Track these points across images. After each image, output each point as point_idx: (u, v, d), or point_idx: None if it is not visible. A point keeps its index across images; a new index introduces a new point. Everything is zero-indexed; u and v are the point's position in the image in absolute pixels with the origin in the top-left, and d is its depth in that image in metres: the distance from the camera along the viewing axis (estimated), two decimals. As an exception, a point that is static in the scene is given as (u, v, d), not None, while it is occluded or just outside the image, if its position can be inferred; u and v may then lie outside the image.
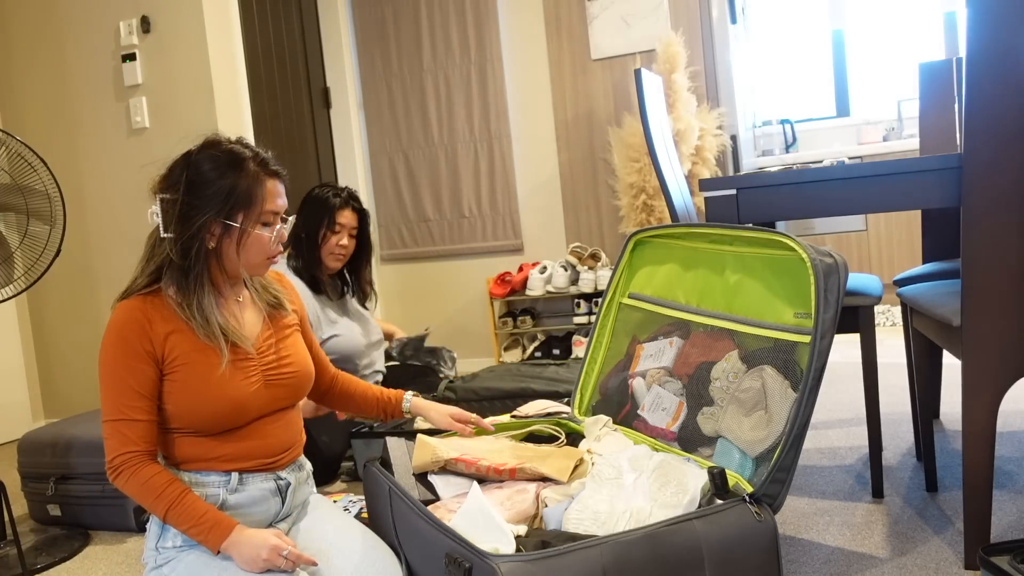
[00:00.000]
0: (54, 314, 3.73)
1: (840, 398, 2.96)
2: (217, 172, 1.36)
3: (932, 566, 1.66)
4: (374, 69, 4.47)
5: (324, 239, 2.47)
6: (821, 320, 1.33)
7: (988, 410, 1.59)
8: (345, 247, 2.51)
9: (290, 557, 1.29)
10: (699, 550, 1.23)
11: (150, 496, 1.31)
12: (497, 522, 1.29)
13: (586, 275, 3.92)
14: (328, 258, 2.49)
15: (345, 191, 2.53)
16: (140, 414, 1.33)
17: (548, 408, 2.06)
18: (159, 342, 1.35)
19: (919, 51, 4.48)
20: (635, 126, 3.80)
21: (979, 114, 1.53)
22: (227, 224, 1.37)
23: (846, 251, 4.16)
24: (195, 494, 1.34)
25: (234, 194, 1.36)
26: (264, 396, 1.43)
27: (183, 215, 1.35)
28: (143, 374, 1.34)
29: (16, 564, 2.08)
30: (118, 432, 1.32)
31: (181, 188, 1.36)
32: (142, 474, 1.31)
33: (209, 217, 1.35)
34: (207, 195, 1.35)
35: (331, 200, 2.47)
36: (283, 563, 1.28)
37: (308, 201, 2.51)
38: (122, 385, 1.33)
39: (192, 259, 1.36)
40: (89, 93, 3.53)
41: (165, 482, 1.32)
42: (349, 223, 2.50)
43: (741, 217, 1.88)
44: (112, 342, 1.34)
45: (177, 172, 1.38)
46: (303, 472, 1.53)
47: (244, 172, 1.37)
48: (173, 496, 1.31)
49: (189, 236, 1.35)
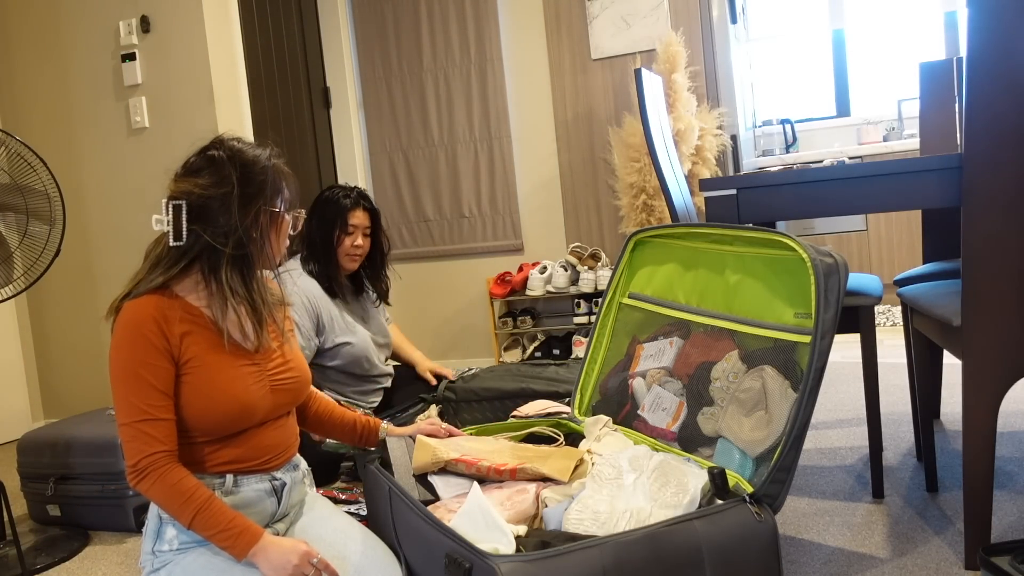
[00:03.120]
0: (54, 314, 3.73)
1: (840, 398, 2.96)
2: (257, 163, 1.40)
3: (932, 566, 1.66)
4: (374, 69, 4.47)
5: (339, 241, 2.50)
6: (821, 320, 1.33)
7: (988, 410, 1.59)
8: (360, 247, 2.53)
9: (319, 565, 1.29)
10: (699, 550, 1.23)
11: (177, 501, 1.28)
12: (497, 522, 1.29)
13: (586, 275, 3.92)
14: (344, 259, 2.52)
15: (355, 191, 2.55)
16: (163, 412, 1.30)
17: (548, 408, 2.06)
18: (175, 341, 1.33)
19: (919, 51, 4.48)
20: (635, 126, 3.80)
21: (979, 114, 1.53)
22: (272, 212, 1.41)
23: (846, 251, 4.16)
24: (220, 499, 1.32)
25: (275, 183, 1.41)
26: (270, 401, 1.42)
27: (242, 204, 1.36)
28: (163, 371, 1.31)
29: (16, 564, 2.08)
30: (141, 433, 1.28)
31: (235, 179, 1.36)
32: (169, 478, 1.28)
33: (261, 204, 1.38)
34: (259, 183, 1.39)
35: (342, 202, 2.50)
36: (312, 571, 1.28)
37: (319, 204, 2.53)
38: (142, 383, 1.29)
39: (251, 247, 1.37)
40: (89, 93, 3.53)
41: (192, 487, 1.29)
42: (362, 223, 2.53)
43: (741, 217, 1.87)
44: (128, 340, 1.30)
45: (222, 165, 1.37)
46: (298, 472, 1.52)
47: (271, 163, 1.42)
48: (201, 502, 1.28)
49: (247, 225, 1.36)
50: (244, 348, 1.40)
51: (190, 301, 1.38)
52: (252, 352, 1.42)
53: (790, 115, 4.65)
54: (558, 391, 2.41)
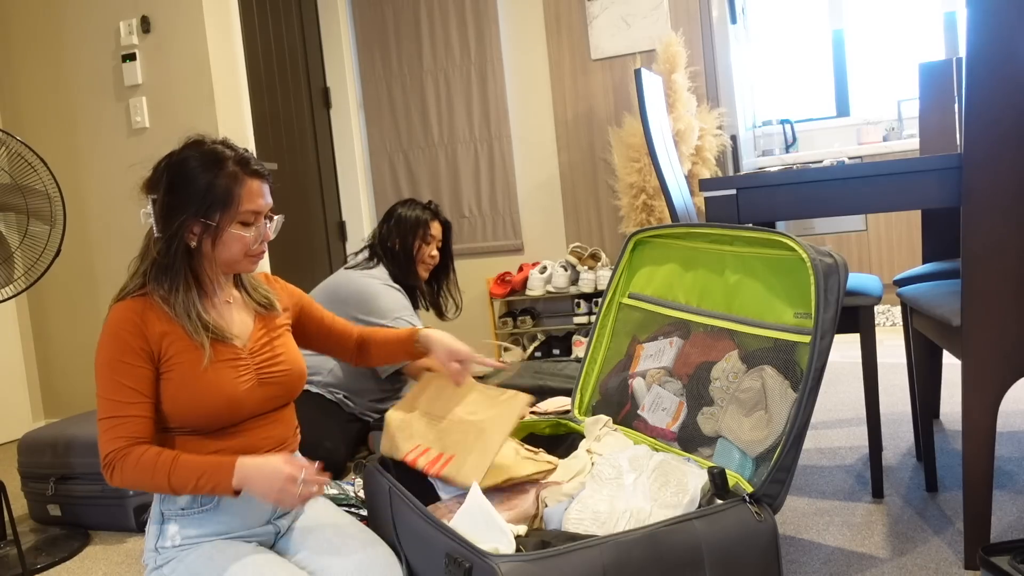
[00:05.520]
0: (54, 314, 3.73)
1: (840, 398, 2.96)
2: (196, 172, 1.38)
3: (932, 566, 1.66)
4: (374, 69, 4.47)
5: (418, 250, 2.58)
6: (821, 320, 1.33)
7: (988, 410, 1.59)
8: (435, 258, 2.63)
9: (306, 478, 1.28)
10: (699, 550, 1.23)
11: (147, 474, 1.30)
12: (497, 522, 1.29)
13: (586, 275, 3.92)
14: (420, 267, 2.61)
15: (432, 204, 2.65)
16: (134, 410, 1.33)
17: (565, 406, 2.07)
18: (155, 341, 1.36)
19: (919, 51, 4.48)
20: (635, 126, 3.80)
21: (979, 114, 1.53)
22: (206, 223, 1.38)
23: (846, 251, 4.16)
24: (187, 454, 1.32)
25: (212, 193, 1.37)
26: (258, 394, 1.44)
27: (166, 214, 1.38)
28: (139, 371, 1.35)
29: (16, 564, 2.08)
30: (110, 429, 1.33)
31: (162, 188, 1.39)
32: (130, 459, 1.30)
33: (188, 216, 1.37)
34: (187, 194, 1.38)
35: (423, 214, 2.59)
36: (300, 486, 1.27)
37: (398, 216, 2.60)
38: (117, 383, 1.33)
39: (173, 256, 1.38)
40: (89, 93, 3.53)
41: (154, 455, 1.30)
42: (438, 235, 2.63)
43: (741, 217, 1.88)
44: (107, 342, 1.35)
45: (159, 172, 1.42)
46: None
47: (223, 171, 1.38)
48: (168, 463, 1.29)
49: (170, 235, 1.38)
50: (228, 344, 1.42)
51: None
52: (239, 347, 1.43)
53: (790, 115, 4.65)
54: (574, 388, 2.42)
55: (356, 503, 1.80)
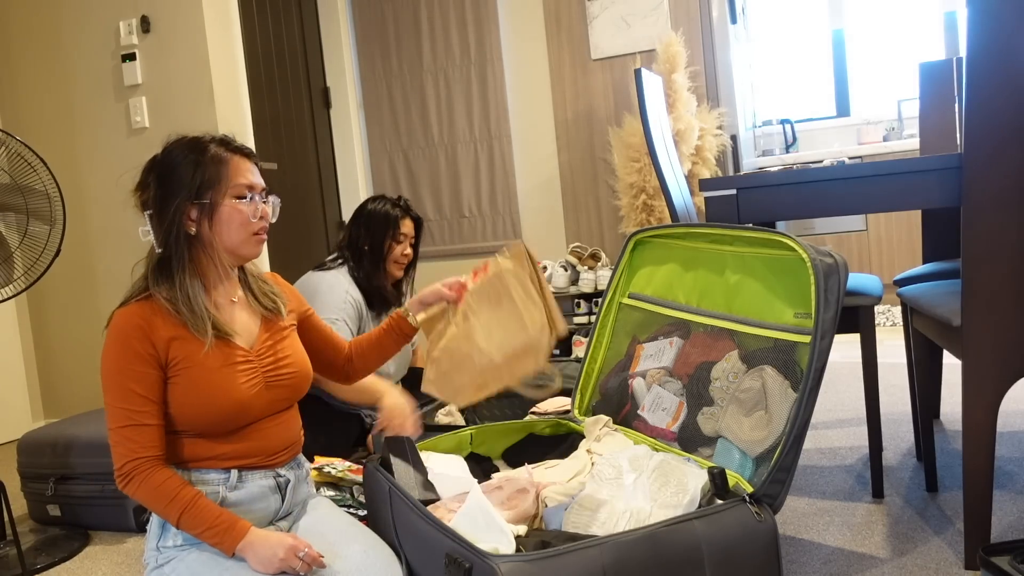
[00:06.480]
0: (54, 314, 3.73)
1: (840, 398, 2.96)
2: (180, 159, 1.40)
3: (932, 566, 1.66)
4: (374, 69, 4.47)
5: (389, 249, 2.54)
6: (821, 320, 1.33)
7: (988, 410, 1.59)
8: (407, 256, 2.59)
9: (307, 558, 1.30)
10: (699, 550, 1.23)
11: (163, 502, 1.31)
12: (497, 522, 1.29)
13: (586, 275, 3.92)
14: (392, 267, 2.57)
15: (403, 200, 2.60)
16: (148, 419, 1.33)
17: (565, 406, 2.06)
18: (162, 346, 1.36)
19: (919, 51, 4.48)
20: (635, 126, 3.80)
21: (979, 114, 1.53)
22: (200, 204, 1.39)
23: (846, 251, 4.16)
24: (207, 497, 1.34)
25: (200, 173, 1.39)
26: (265, 397, 1.44)
27: (160, 207, 1.39)
28: (148, 378, 1.34)
29: (16, 564, 2.08)
30: (126, 439, 1.32)
31: (152, 184, 1.41)
32: (153, 480, 1.32)
33: (181, 200, 1.38)
34: (176, 181, 1.39)
35: (392, 211, 2.55)
36: (299, 564, 1.29)
37: (367, 214, 2.56)
38: (127, 391, 1.33)
39: (172, 246, 1.39)
40: (89, 93, 3.53)
41: (177, 486, 1.32)
42: (410, 232, 2.58)
43: (741, 217, 1.88)
44: (114, 348, 1.35)
45: (146, 172, 1.44)
46: (302, 470, 1.54)
47: (206, 153, 1.41)
48: (186, 501, 1.31)
49: (167, 224, 1.38)
50: (233, 345, 1.41)
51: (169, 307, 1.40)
52: (246, 349, 1.43)
53: (790, 115, 4.65)
54: (574, 388, 2.41)
55: (356, 503, 1.79)
